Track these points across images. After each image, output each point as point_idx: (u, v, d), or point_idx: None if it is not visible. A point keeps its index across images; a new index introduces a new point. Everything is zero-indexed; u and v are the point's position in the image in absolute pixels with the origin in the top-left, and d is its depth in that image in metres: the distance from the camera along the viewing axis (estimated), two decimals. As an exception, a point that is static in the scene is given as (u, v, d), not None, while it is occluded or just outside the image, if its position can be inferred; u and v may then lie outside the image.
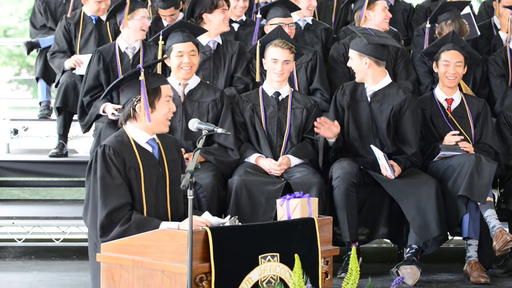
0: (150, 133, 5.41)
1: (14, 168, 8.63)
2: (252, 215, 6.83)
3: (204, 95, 7.23)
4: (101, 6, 8.70)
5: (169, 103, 5.41)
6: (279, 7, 8.06)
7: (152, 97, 5.35)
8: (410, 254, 6.92)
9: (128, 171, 5.28)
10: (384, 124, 7.22)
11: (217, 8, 7.87)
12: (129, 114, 5.37)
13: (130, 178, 5.28)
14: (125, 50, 8.02)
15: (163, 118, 5.39)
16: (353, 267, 4.63)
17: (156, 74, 5.54)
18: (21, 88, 20.85)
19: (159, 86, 5.38)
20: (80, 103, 8.03)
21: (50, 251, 8.15)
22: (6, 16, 20.32)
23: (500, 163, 7.33)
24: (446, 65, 7.46)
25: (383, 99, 7.27)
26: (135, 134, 5.38)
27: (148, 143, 5.41)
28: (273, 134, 7.30)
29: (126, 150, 5.30)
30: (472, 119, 7.52)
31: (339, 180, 6.98)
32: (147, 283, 4.81)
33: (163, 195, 5.40)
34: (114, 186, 5.22)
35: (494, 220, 6.89)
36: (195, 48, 7.13)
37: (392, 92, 7.28)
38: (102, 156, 5.26)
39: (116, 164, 5.24)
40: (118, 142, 5.32)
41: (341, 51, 8.16)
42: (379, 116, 7.25)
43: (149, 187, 5.33)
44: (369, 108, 7.28)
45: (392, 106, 7.24)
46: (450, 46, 7.50)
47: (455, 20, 8.13)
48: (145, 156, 5.36)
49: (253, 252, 4.83)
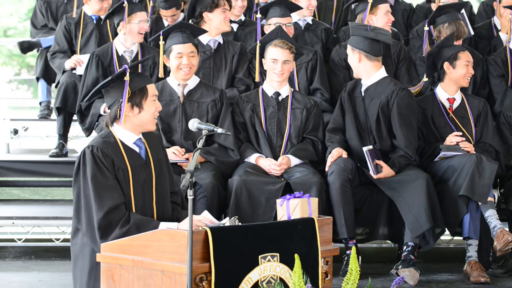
0: (137, 133, 5.41)
1: (14, 168, 8.63)
2: (252, 215, 6.83)
3: (203, 95, 7.22)
4: (103, 5, 8.70)
5: (156, 102, 5.42)
6: (277, 7, 8.05)
7: (139, 97, 5.35)
8: (406, 252, 6.92)
9: (117, 172, 5.28)
10: (374, 118, 7.23)
11: (218, 8, 7.87)
12: (116, 115, 5.36)
13: (119, 180, 5.28)
14: (123, 53, 8.02)
15: (150, 118, 5.40)
16: (353, 267, 4.63)
17: (141, 74, 5.52)
18: (21, 88, 20.86)
19: (145, 85, 5.38)
20: (78, 107, 8.02)
21: (50, 251, 8.14)
22: (6, 16, 20.32)
23: (501, 163, 7.34)
24: (466, 65, 7.47)
25: (374, 94, 7.28)
26: (122, 135, 5.38)
27: (135, 144, 5.41)
28: (273, 134, 7.30)
29: (114, 151, 5.30)
30: (473, 119, 7.53)
31: (334, 175, 6.98)
32: (147, 283, 4.81)
33: (149, 195, 5.41)
34: (108, 186, 5.21)
35: (495, 220, 6.89)
36: (194, 50, 7.12)
37: (383, 86, 7.28)
38: (92, 156, 5.24)
39: (106, 164, 5.23)
40: (105, 143, 5.31)
41: (342, 55, 8.13)
42: (370, 111, 7.26)
43: (137, 187, 5.34)
44: (363, 104, 7.29)
45: (380, 100, 7.25)
46: (463, 47, 7.53)
47: (452, 23, 8.11)
48: (132, 157, 5.36)
49: (253, 252, 4.83)
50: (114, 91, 5.37)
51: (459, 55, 7.49)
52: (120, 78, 5.34)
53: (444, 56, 7.51)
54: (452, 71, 7.49)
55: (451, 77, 7.50)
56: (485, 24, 9.23)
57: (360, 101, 7.31)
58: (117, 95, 5.34)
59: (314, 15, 9.23)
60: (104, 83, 5.39)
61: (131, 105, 5.34)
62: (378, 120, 7.22)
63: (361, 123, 7.29)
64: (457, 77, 7.49)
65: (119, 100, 5.34)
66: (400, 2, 9.66)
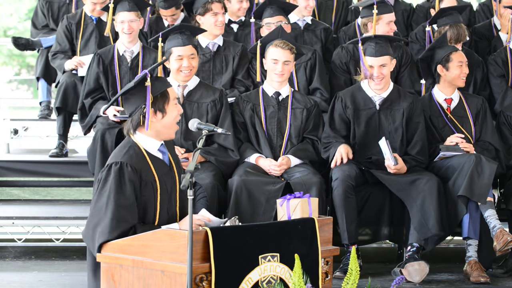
0: (159, 139, 5.29)
1: (14, 168, 8.64)
2: (252, 215, 6.83)
3: (203, 96, 7.22)
4: (96, 7, 8.71)
5: (177, 106, 5.31)
6: (268, 7, 8.10)
7: (162, 102, 5.22)
8: (411, 252, 6.92)
9: (145, 186, 5.15)
10: (399, 131, 7.23)
11: (208, 12, 7.90)
12: (139, 122, 5.21)
13: (146, 194, 5.16)
14: (124, 53, 8.02)
15: (173, 122, 5.28)
16: (353, 267, 4.63)
17: (160, 78, 5.39)
18: (21, 88, 20.86)
19: (166, 89, 5.27)
20: (81, 105, 8.03)
21: (50, 251, 8.14)
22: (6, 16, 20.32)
23: (501, 161, 7.34)
24: (460, 66, 7.45)
25: (392, 106, 7.27)
26: (145, 143, 5.24)
27: (159, 151, 5.30)
28: (273, 135, 7.30)
29: (141, 164, 5.16)
30: (472, 118, 7.53)
31: (338, 182, 6.98)
32: (147, 283, 4.81)
33: (174, 200, 5.33)
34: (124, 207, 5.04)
35: (495, 220, 6.89)
36: (194, 52, 7.12)
37: (397, 97, 7.30)
38: (119, 173, 5.08)
39: (133, 181, 5.08)
40: (132, 157, 5.15)
41: (343, 59, 8.12)
42: (390, 123, 7.25)
43: (165, 196, 5.25)
44: (378, 116, 7.27)
45: (403, 111, 7.25)
46: (456, 48, 7.52)
47: (453, 26, 8.09)
48: (158, 165, 5.24)
49: (253, 252, 4.83)
50: (134, 98, 5.21)
51: (451, 56, 7.46)
52: (141, 84, 5.18)
53: (437, 59, 7.51)
54: (446, 73, 7.48)
55: (446, 79, 7.50)
56: (485, 24, 9.23)
57: (373, 113, 7.28)
58: (139, 102, 5.19)
59: (314, 15, 9.24)
60: (125, 90, 5.22)
61: (154, 111, 5.20)
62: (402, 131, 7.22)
63: (371, 135, 7.25)
64: (452, 79, 7.48)
65: (141, 107, 5.19)
66: (400, 2, 9.66)
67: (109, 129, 7.63)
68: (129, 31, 7.93)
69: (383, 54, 7.20)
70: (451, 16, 8.16)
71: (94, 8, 8.72)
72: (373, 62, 7.19)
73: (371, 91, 7.30)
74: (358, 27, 8.53)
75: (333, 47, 8.71)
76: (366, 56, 7.23)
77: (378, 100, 7.29)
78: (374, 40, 7.24)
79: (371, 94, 7.30)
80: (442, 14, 8.21)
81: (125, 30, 7.93)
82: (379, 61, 7.19)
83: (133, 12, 7.93)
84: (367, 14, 8.06)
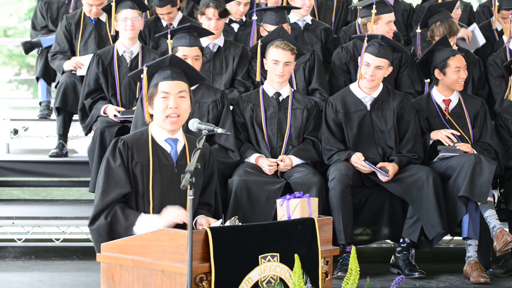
0: (166, 131, 5.39)
1: (14, 168, 8.64)
2: (252, 215, 6.84)
3: (204, 96, 7.23)
4: (92, 9, 8.71)
5: (165, 100, 5.35)
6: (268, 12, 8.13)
7: (151, 95, 5.39)
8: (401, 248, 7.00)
9: (135, 166, 5.29)
10: (392, 131, 7.23)
11: (204, 14, 7.96)
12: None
13: (136, 173, 5.29)
14: (123, 53, 8.03)
15: (161, 115, 5.35)
16: (353, 267, 4.63)
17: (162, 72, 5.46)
18: (21, 88, 20.86)
19: (157, 83, 5.38)
20: (81, 106, 8.04)
21: (50, 251, 8.14)
22: (6, 16, 20.32)
23: (500, 163, 7.34)
24: (457, 71, 7.44)
25: (382, 105, 7.28)
26: (155, 131, 5.40)
27: (166, 142, 5.40)
28: (273, 135, 7.29)
29: (140, 145, 5.33)
30: (470, 119, 7.52)
31: (335, 181, 6.98)
32: (147, 283, 4.81)
33: (173, 197, 5.35)
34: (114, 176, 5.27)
35: (495, 221, 6.89)
36: (199, 53, 7.17)
37: (387, 96, 7.30)
38: (113, 147, 5.32)
39: (122, 156, 5.28)
40: (134, 137, 5.38)
41: (343, 59, 8.12)
42: (382, 123, 7.25)
43: (157, 185, 5.32)
44: (370, 117, 7.28)
45: (393, 110, 7.25)
46: (455, 51, 7.50)
47: (444, 21, 8.10)
48: (159, 154, 5.35)
49: (253, 252, 4.83)
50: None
51: (448, 62, 7.45)
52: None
53: (434, 62, 7.51)
54: (443, 77, 7.48)
55: (443, 83, 7.51)
56: (484, 25, 9.23)
57: (364, 114, 7.28)
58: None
59: (314, 15, 9.24)
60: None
61: (148, 103, 5.44)
62: (394, 131, 7.22)
63: (365, 136, 7.26)
64: (449, 83, 7.49)
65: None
66: (400, 2, 9.66)
67: (109, 127, 7.65)
68: (132, 28, 7.96)
69: (383, 56, 7.20)
70: (440, 12, 8.19)
71: (90, 9, 8.72)
72: (371, 60, 7.20)
73: (361, 92, 7.31)
74: (358, 27, 8.53)
75: (333, 47, 8.71)
76: (366, 53, 7.23)
77: (368, 101, 7.30)
78: (379, 40, 7.24)
79: (361, 96, 7.30)
80: (431, 12, 8.23)
81: (127, 27, 7.95)
82: (377, 61, 7.19)
83: (135, 10, 7.98)
84: (367, 14, 8.06)
